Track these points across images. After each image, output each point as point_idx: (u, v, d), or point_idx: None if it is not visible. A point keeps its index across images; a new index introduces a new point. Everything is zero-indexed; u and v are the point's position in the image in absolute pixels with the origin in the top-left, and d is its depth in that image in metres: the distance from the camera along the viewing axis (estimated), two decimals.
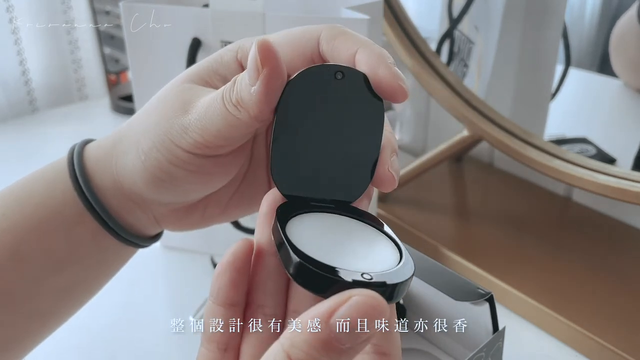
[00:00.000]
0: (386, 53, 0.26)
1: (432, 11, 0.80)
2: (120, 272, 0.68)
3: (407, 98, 0.25)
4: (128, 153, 0.30)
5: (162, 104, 0.29)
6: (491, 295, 0.39)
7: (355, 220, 0.26)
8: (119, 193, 0.31)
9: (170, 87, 0.30)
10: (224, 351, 0.26)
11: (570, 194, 0.71)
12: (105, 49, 1.05)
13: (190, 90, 0.29)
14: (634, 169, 0.59)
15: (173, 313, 0.58)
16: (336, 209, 0.26)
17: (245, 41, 0.30)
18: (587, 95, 0.72)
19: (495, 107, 0.67)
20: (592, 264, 0.60)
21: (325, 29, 0.27)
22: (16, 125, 1.00)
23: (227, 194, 0.34)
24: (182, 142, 0.28)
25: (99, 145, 0.32)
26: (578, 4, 0.67)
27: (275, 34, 0.29)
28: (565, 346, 0.53)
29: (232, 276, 0.25)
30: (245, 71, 0.26)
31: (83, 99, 1.11)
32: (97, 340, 0.55)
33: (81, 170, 0.31)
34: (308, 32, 0.28)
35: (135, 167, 0.30)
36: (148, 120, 0.30)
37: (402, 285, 0.22)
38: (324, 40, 0.27)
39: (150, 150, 0.29)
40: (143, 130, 0.29)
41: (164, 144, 0.28)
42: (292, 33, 0.28)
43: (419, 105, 0.85)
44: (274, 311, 0.26)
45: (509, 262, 0.61)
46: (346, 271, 0.21)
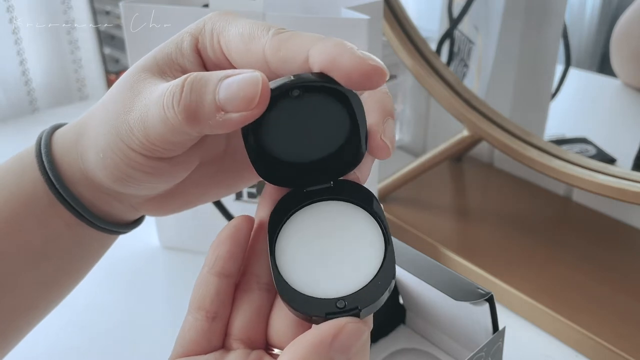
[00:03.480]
0: (343, 41, 0.23)
1: (432, 11, 0.80)
2: (120, 272, 0.68)
3: (387, 76, 0.23)
4: (89, 149, 0.28)
5: (115, 96, 0.27)
6: (491, 295, 0.39)
7: (347, 205, 0.26)
8: (90, 185, 0.29)
9: (127, 76, 0.27)
10: (212, 320, 0.26)
11: (570, 194, 0.71)
12: (105, 49, 1.05)
13: (143, 82, 0.26)
14: (633, 169, 0.59)
15: (173, 313, 0.58)
16: (333, 192, 0.26)
17: (209, 22, 0.27)
18: (587, 95, 0.72)
19: (495, 107, 0.67)
20: (592, 264, 0.60)
21: (269, 39, 0.24)
22: (16, 125, 1.00)
23: (206, 175, 0.32)
24: (130, 142, 0.26)
25: (64, 137, 0.30)
26: (578, 4, 0.67)
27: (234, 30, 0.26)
28: (565, 346, 0.53)
29: (231, 248, 0.26)
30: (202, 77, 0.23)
31: (83, 99, 1.11)
32: (97, 341, 0.55)
33: (50, 162, 0.29)
34: (255, 39, 0.25)
35: (97, 165, 0.28)
36: (103, 114, 0.27)
37: (373, 307, 0.23)
38: (269, 49, 0.24)
39: (105, 150, 0.27)
40: (98, 125, 0.28)
41: (117, 144, 0.26)
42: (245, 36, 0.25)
43: (419, 105, 0.85)
44: (269, 281, 0.26)
45: (509, 262, 0.61)
46: (321, 303, 0.23)
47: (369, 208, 0.26)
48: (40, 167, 0.29)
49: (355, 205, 0.26)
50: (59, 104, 1.07)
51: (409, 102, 0.86)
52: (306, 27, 0.50)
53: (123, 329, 0.56)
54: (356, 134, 0.25)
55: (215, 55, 0.27)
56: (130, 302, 0.60)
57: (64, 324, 0.56)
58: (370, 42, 0.49)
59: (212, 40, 0.27)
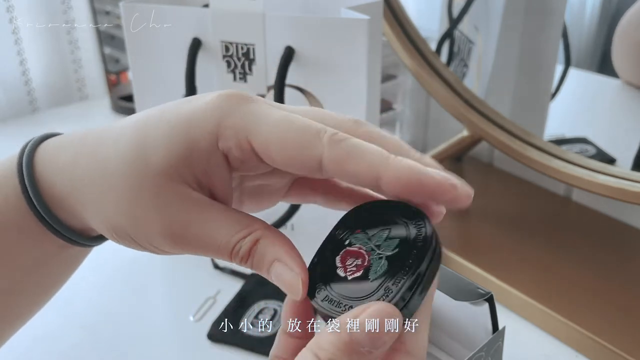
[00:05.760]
0: (417, 164, 0.23)
1: (432, 11, 0.80)
2: (121, 273, 0.68)
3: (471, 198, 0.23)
4: (94, 216, 0.27)
5: (134, 199, 0.25)
6: (491, 295, 0.39)
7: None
8: (78, 219, 0.28)
9: (142, 174, 0.25)
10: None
11: (570, 194, 0.71)
12: (105, 49, 1.05)
13: (169, 192, 0.25)
14: (633, 169, 0.59)
15: (173, 313, 0.58)
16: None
17: (227, 122, 0.25)
18: (587, 95, 0.72)
19: (495, 107, 0.67)
20: (591, 263, 0.60)
21: (327, 149, 0.23)
22: (16, 125, 1.00)
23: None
24: (159, 245, 0.26)
25: (53, 171, 0.28)
26: (578, 4, 0.67)
27: (270, 131, 0.24)
28: (565, 346, 0.53)
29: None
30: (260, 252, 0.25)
31: (83, 99, 1.11)
32: (97, 341, 0.55)
33: (33, 187, 0.27)
34: (308, 147, 0.24)
35: (105, 233, 0.27)
36: (114, 206, 0.26)
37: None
38: (329, 162, 0.23)
39: (120, 233, 0.26)
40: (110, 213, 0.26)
41: (137, 237, 0.26)
42: (290, 142, 0.24)
43: (419, 105, 0.85)
44: None
45: (509, 262, 0.61)
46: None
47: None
48: (24, 192, 0.28)
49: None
50: (59, 104, 1.07)
51: (409, 102, 0.86)
52: (306, 27, 0.50)
53: (123, 328, 0.56)
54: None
55: (244, 154, 0.25)
56: (131, 302, 0.60)
57: (64, 324, 0.56)
58: (370, 42, 0.49)
59: (240, 142, 0.25)
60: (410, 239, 0.24)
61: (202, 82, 0.54)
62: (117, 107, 1.05)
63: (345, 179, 0.24)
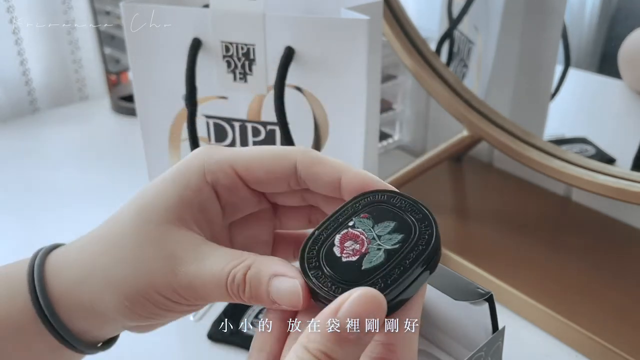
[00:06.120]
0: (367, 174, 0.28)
1: (432, 11, 0.80)
2: None
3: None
4: (104, 295, 0.28)
5: (138, 247, 0.28)
6: (491, 295, 0.39)
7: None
8: (88, 316, 0.29)
9: (142, 223, 0.28)
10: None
11: (569, 194, 0.71)
12: (105, 49, 1.05)
13: (170, 238, 0.28)
14: (633, 169, 0.59)
15: None
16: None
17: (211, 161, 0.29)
18: (587, 96, 0.72)
19: (495, 107, 0.67)
20: (591, 263, 0.60)
21: (300, 155, 0.28)
22: (17, 125, 1.00)
23: None
24: (173, 297, 0.28)
25: (62, 272, 0.29)
26: (578, 4, 0.67)
27: (248, 154, 0.29)
28: (565, 346, 0.53)
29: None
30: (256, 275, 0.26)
31: (83, 99, 1.11)
32: None
33: (44, 295, 0.29)
34: (283, 157, 0.28)
35: (118, 309, 0.28)
36: (121, 262, 0.28)
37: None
38: (302, 167, 0.28)
39: (133, 300, 0.28)
40: (113, 274, 0.28)
41: (152, 296, 0.28)
42: (266, 158, 0.29)
43: (419, 105, 0.85)
44: None
45: (509, 262, 0.61)
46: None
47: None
48: (34, 300, 0.29)
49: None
50: (59, 104, 1.08)
51: (409, 102, 0.86)
52: (306, 27, 0.50)
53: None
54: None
55: (230, 180, 0.29)
56: None
57: None
58: (370, 42, 0.49)
59: (224, 170, 0.29)
60: (413, 239, 0.25)
61: (202, 82, 0.54)
62: (118, 107, 1.05)
63: (313, 181, 0.28)
